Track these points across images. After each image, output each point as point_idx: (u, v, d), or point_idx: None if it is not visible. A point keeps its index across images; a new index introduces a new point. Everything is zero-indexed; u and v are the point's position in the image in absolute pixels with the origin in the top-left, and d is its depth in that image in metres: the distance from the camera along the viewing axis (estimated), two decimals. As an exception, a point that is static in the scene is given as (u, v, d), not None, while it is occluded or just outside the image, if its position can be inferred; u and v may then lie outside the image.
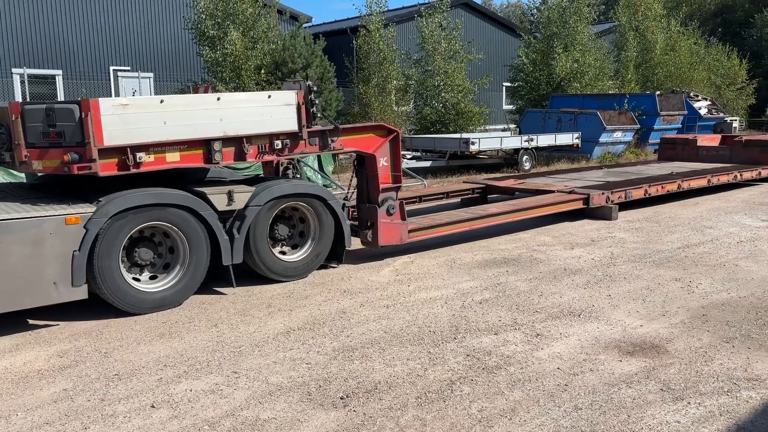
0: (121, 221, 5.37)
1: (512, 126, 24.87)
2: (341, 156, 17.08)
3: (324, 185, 14.00)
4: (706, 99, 24.36)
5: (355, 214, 7.48)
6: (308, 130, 6.43)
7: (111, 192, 5.42)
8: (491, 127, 23.63)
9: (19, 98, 19.45)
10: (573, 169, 14.45)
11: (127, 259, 5.62)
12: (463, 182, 12.38)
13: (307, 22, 22.24)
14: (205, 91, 7.26)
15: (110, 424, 3.67)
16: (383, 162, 7.09)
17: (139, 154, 5.48)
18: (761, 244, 7.95)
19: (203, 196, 5.85)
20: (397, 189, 7.26)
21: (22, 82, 19.64)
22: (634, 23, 28.69)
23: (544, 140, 17.01)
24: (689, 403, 3.80)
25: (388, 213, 7.14)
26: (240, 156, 6.08)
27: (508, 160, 16.92)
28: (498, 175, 14.56)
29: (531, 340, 4.88)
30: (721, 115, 23.67)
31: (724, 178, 12.51)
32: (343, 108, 18.64)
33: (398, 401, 3.89)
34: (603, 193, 9.96)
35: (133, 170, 5.51)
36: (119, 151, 5.44)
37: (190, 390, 4.09)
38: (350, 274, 6.90)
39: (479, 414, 3.71)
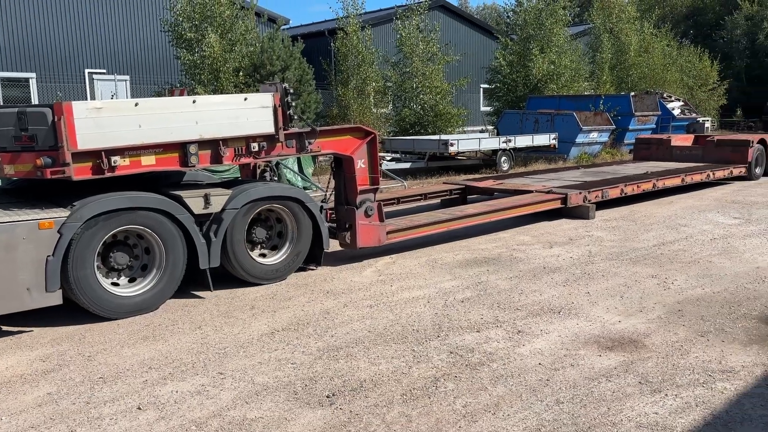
0: (95, 225, 5.31)
1: (490, 127, 25.08)
2: (320, 158, 17.11)
3: (304, 187, 14.02)
4: (679, 100, 24.82)
5: (333, 216, 7.48)
6: (285, 132, 6.45)
7: (86, 196, 5.37)
8: (469, 128, 23.80)
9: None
10: (551, 170, 14.64)
11: (103, 264, 5.56)
12: (443, 183, 12.48)
13: (285, 25, 22.20)
14: (181, 94, 7.26)
15: (96, 426, 3.67)
16: (361, 164, 7.11)
17: (114, 158, 5.46)
18: (733, 241, 8.15)
19: (179, 200, 5.82)
20: (375, 191, 7.28)
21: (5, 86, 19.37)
22: (609, 25, 29.15)
23: (522, 141, 17.20)
24: (666, 395, 3.91)
25: (366, 214, 7.16)
26: (216, 159, 6.08)
27: (487, 161, 17.07)
28: (477, 176, 14.69)
29: (513, 337, 4.97)
30: (694, 115, 24.13)
31: (697, 177, 12.78)
32: (321, 110, 18.64)
33: (384, 398, 3.94)
34: (580, 193, 10.12)
35: (108, 174, 5.47)
36: (93, 155, 5.40)
37: (176, 391, 4.10)
38: (333, 275, 6.94)
39: (464, 409, 3.78)
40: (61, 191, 5.70)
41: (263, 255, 6.62)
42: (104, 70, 21.89)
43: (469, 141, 16.40)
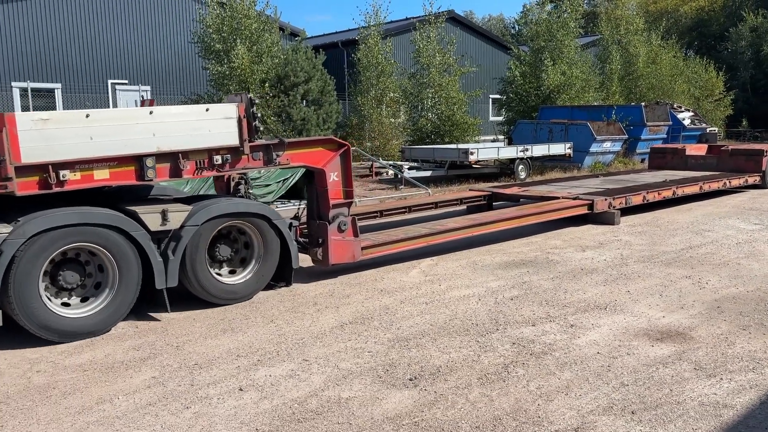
0: (40, 242, 5.01)
1: (501, 137, 25.56)
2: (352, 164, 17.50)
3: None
4: (689, 110, 25.27)
5: (305, 230, 7.23)
6: (251, 144, 6.19)
7: (36, 211, 5.11)
8: (480, 138, 24.27)
9: (19, 111, 19.61)
10: (570, 178, 15.04)
11: (52, 283, 5.27)
12: (468, 190, 12.88)
13: (302, 38, 22.75)
14: (151, 105, 6.89)
15: (207, 404, 4.05)
16: (334, 177, 6.84)
17: (62, 172, 5.18)
18: (758, 245, 8.53)
19: (135, 216, 5.53)
20: (349, 205, 7.01)
21: (22, 95, 19.84)
22: (617, 37, 29.69)
23: (539, 150, 17.63)
24: (721, 378, 4.29)
25: (340, 230, 6.88)
26: (176, 172, 5.82)
27: (504, 169, 17.49)
28: (499, 183, 15.10)
29: (567, 330, 5.34)
30: (704, 125, 24.57)
31: (714, 185, 13.17)
32: (341, 120, 19.09)
33: (462, 381, 4.32)
34: (606, 199, 10.50)
35: (57, 189, 5.20)
36: (40, 169, 5.11)
37: (270, 375, 4.48)
38: (381, 275, 7.32)
39: (538, 390, 4.16)
40: (10, 207, 5.38)
41: (227, 274, 6.33)
42: (126, 81, 22.40)
43: (488, 150, 16.83)
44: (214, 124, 5.97)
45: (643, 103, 22.97)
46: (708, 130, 24.01)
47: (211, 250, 6.16)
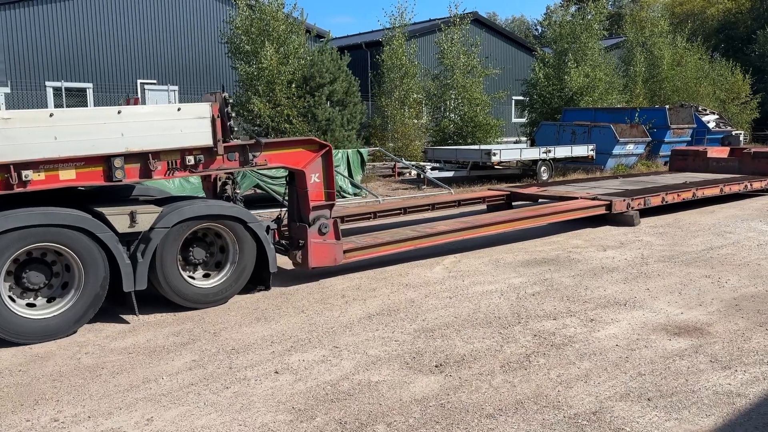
0: (2, 242, 4.98)
1: (523, 138, 25.66)
2: (372, 163, 17.78)
3: (354, 194, 14.78)
4: (713, 113, 25.14)
5: (287, 233, 7.14)
6: (225, 144, 6.09)
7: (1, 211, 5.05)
8: (502, 139, 24.41)
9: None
10: (590, 179, 15.14)
11: (17, 284, 5.24)
12: (488, 190, 13.07)
13: (325, 39, 23.11)
14: (135, 103, 6.66)
15: (246, 385, 4.32)
16: (315, 178, 6.71)
17: (25, 172, 5.12)
18: (779, 247, 8.61)
19: (102, 217, 5.45)
20: (331, 207, 6.88)
21: (56, 94, 20.42)
22: (641, 39, 29.61)
23: (561, 152, 17.73)
24: (736, 370, 4.45)
25: (321, 232, 6.76)
26: (146, 173, 5.72)
27: (526, 170, 17.63)
28: (519, 184, 15.24)
29: (587, 324, 5.53)
30: (729, 128, 24.43)
31: (735, 188, 13.18)
32: (365, 121, 19.37)
33: (486, 369, 4.54)
34: (624, 200, 10.61)
35: (19, 189, 5.13)
36: (1, 169, 5.07)
37: (303, 360, 4.74)
38: (406, 271, 7.55)
39: (558, 378, 4.37)
40: None
41: (202, 277, 6.21)
42: (155, 80, 22.92)
43: (510, 151, 16.99)
44: (187, 124, 5.86)
45: (667, 106, 22.92)
46: (733, 133, 23.89)
47: (185, 252, 6.06)
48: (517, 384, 4.29)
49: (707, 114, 24.47)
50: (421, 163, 17.81)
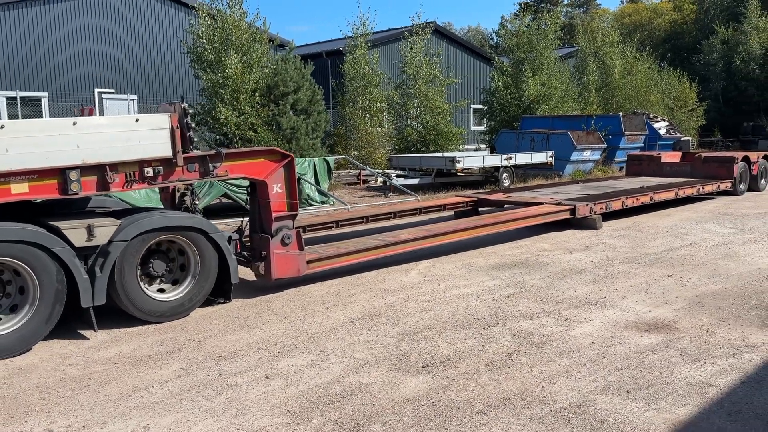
0: None
1: (483, 146, 26.13)
2: (338, 171, 17.86)
3: (321, 201, 14.84)
4: (664, 120, 26.12)
5: (249, 244, 7.05)
6: (185, 155, 5.99)
7: None
8: (463, 147, 24.81)
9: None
10: (551, 184, 15.58)
11: None
12: (455, 196, 13.32)
13: (287, 48, 23.14)
14: (90, 114, 6.57)
15: (238, 390, 4.37)
16: (277, 189, 6.64)
17: None
18: (733, 247, 9.06)
19: (58, 231, 5.31)
20: (293, 217, 6.81)
21: (10, 104, 19.90)
22: (593, 48, 30.56)
23: (522, 159, 18.16)
24: (705, 362, 4.72)
25: (283, 243, 6.67)
26: (104, 185, 5.59)
27: (488, 177, 18.00)
28: (484, 190, 15.56)
29: (562, 323, 5.76)
30: (679, 134, 25.40)
31: (689, 191, 13.77)
32: (329, 129, 19.47)
33: (471, 368, 4.70)
34: (587, 205, 10.99)
35: None
36: None
37: (292, 365, 4.81)
38: (382, 276, 7.68)
39: (541, 375, 4.55)
40: None
41: (162, 290, 6.08)
42: (113, 90, 22.53)
43: (473, 158, 17.33)
44: (145, 135, 5.75)
45: (621, 113, 23.71)
46: (683, 138, 24.84)
47: (145, 265, 5.93)
48: (502, 381, 4.45)
49: (658, 121, 25.40)
50: (387, 171, 18.00)
